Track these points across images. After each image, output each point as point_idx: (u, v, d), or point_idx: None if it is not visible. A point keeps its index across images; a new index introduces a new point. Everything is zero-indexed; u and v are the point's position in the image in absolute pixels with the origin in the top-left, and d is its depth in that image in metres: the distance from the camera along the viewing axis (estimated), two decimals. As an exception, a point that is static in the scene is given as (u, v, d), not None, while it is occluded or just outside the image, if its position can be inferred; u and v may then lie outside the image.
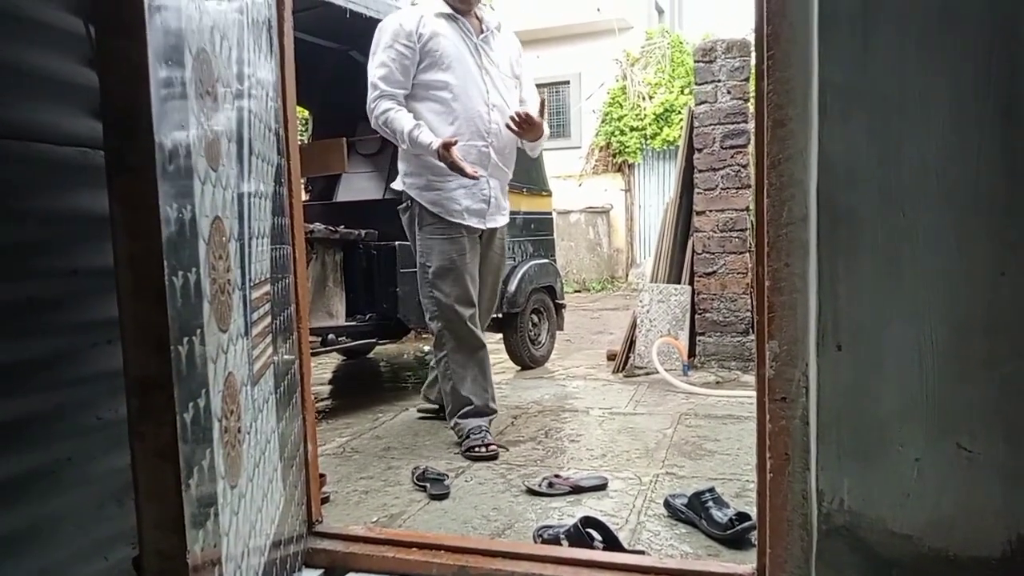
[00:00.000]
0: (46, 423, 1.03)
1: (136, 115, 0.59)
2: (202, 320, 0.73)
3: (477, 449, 2.53)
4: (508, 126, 2.56)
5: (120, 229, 0.60)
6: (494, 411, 2.76)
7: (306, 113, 5.16)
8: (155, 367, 0.62)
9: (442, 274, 2.64)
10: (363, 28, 3.69)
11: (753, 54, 1.34)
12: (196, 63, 0.76)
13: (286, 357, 1.40)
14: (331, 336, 3.49)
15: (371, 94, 2.64)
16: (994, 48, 1.03)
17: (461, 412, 2.68)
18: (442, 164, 2.51)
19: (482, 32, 2.69)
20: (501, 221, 2.81)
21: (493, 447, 2.55)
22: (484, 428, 2.63)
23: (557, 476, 2.25)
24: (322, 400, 3.79)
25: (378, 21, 3.59)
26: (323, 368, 4.79)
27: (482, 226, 2.70)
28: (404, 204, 2.75)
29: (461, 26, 2.64)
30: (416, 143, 2.52)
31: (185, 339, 0.67)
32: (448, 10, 2.63)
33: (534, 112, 2.60)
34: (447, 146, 2.45)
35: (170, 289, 0.63)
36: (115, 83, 0.60)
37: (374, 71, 2.64)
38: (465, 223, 2.64)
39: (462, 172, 2.47)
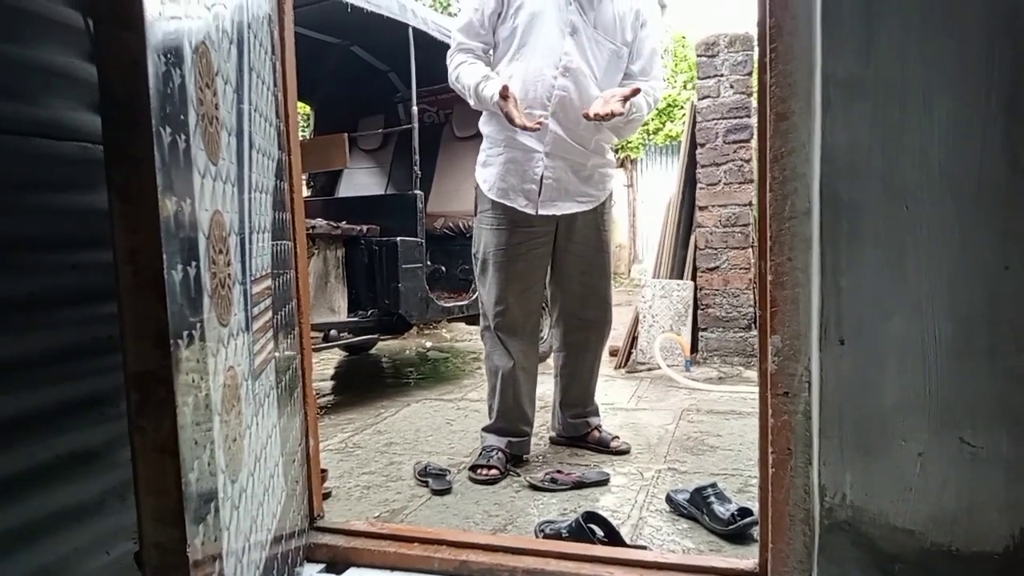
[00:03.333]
0: (48, 419, 1.03)
1: (135, 107, 0.59)
2: (202, 314, 0.73)
3: (478, 471, 2.30)
4: (585, 115, 2.13)
5: (119, 222, 0.60)
6: (524, 433, 2.46)
7: (307, 109, 5.16)
8: (155, 361, 0.61)
9: (482, 269, 2.42)
10: (364, 23, 3.70)
11: (756, 48, 1.33)
12: (196, 56, 0.76)
13: (287, 352, 1.40)
14: (333, 332, 3.50)
15: (451, 46, 2.35)
16: (997, 40, 1.02)
17: (486, 425, 2.49)
18: (501, 136, 2.27)
19: None
20: (567, 208, 2.34)
21: (494, 472, 2.28)
22: (497, 448, 2.37)
23: (559, 471, 2.25)
24: (324, 396, 3.80)
25: (379, 16, 3.61)
26: (325, 364, 4.80)
27: (532, 211, 2.30)
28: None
29: None
30: (480, 98, 2.21)
31: (185, 333, 0.67)
32: None
33: (615, 103, 2.11)
34: (503, 94, 2.10)
35: (169, 283, 0.62)
36: (114, 74, 0.60)
37: (459, 21, 2.36)
38: (511, 204, 2.32)
39: (512, 122, 2.11)
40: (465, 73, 2.26)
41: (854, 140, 1.09)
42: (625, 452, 2.51)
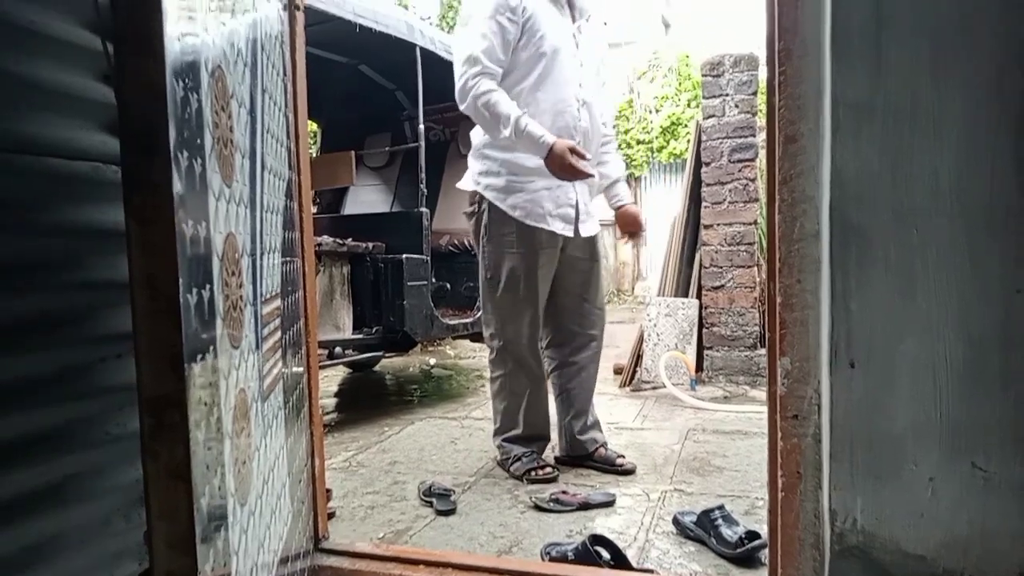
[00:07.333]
0: (55, 438, 1.03)
1: (154, 132, 0.59)
2: (215, 337, 0.73)
3: (536, 472, 2.41)
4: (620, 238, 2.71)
5: (136, 246, 0.60)
6: (547, 438, 2.63)
7: (315, 126, 5.19)
8: (170, 386, 0.61)
9: (505, 290, 2.44)
10: (372, 42, 3.74)
11: (763, 69, 1.34)
12: (212, 80, 0.76)
13: (295, 371, 1.39)
14: (337, 349, 3.50)
15: (468, 69, 2.29)
16: (1008, 64, 1.03)
17: (510, 436, 2.56)
18: (533, 164, 2.28)
19: (575, 20, 2.41)
20: (592, 229, 2.53)
21: (550, 469, 2.44)
22: (535, 452, 2.53)
23: (564, 492, 2.23)
24: (328, 413, 3.79)
25: (387, 36, 3.64)
26: (329, 381, 4.79)
27: (569, 232, 2.44)
28: (472, 208, 2.49)
29: (560, 8, 2.37)
30: (524, 134, 2.22)
31: (199, 356, 0.67)
32: None
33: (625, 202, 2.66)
34: (573, 149, 2.20)
35: (184, 307, 0.63)
36: (133, 100, 0.60)
37: (473, 43, 2.28)
38: (549, 228, 2.39)
39: (575, 172, 2.23)
40: (499, 102, 2.26)
41: (864, 163, 1.09)
42: (631, 472, 2.50)
